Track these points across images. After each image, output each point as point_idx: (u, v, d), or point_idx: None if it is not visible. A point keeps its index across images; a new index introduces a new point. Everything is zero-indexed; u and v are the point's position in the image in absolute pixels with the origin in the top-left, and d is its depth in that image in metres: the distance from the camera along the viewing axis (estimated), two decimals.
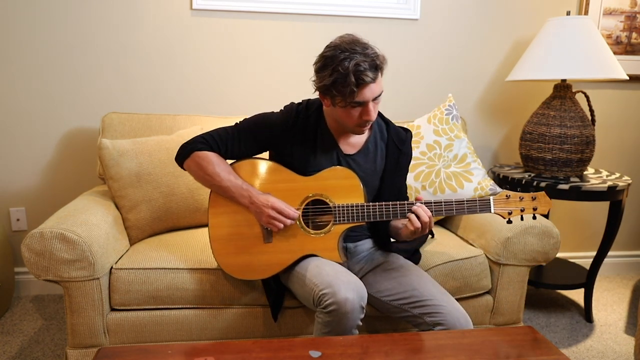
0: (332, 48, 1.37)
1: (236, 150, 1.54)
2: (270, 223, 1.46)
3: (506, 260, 1.76)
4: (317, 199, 1.50)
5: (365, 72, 1.33)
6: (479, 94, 2.59)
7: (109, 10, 2.25)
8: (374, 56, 1.35)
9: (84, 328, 1.57)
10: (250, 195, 1.48)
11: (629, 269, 2.89)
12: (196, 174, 1.54)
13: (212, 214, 1.56)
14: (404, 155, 1.59)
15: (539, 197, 1.41)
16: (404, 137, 1.60)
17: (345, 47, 1.35)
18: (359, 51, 1.34)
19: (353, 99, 1.36)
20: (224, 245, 1.55)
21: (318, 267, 1.42)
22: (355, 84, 1.33)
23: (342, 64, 1.32)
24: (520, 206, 1.41)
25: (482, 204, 1.42)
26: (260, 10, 2.33)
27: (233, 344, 1.19)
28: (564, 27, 2.16)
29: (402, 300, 1.47)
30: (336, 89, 1.35)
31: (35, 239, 1.49)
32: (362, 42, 1.37)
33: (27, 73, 2.26)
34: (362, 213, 1.46)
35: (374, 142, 1.57)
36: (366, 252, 1.64)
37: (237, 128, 1.55)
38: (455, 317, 1.39)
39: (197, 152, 1.51)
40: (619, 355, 2.03)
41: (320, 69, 1.39)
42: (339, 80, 1.33)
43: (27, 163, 2.34)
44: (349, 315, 1.32)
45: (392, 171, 1.57)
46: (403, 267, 1.55)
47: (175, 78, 2.36)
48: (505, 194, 1.42)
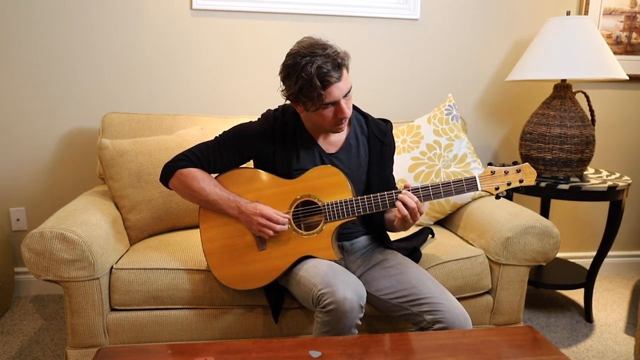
0: (292, 56, 1.39)
1: (219, 163, 1.55)
2: (261, 231, 1.47)
3: (506, 260, 1.76)
4: (306, 200, 1.50)
5: (328, 73, 1.34)
6: (479, 94, 2.59)
7: (109, 10, 2.25)
8: (334, 55, 1.36)
9: (84, 328, 1.57)
10: (239, 205, 1.49)
11: (629, 269, 2.89)
12: (182, 192, 1.55)
13: (204, 229, 1.57)
14: (387, 146, 1.60)
15: (523, 168, 1.41)
16: (384, 128, 1.61)
17: (304, 52, 1.36)
18: (319, 53, 1.35)
19: (322, 101, 1.37)
20: (219, 258, 1.55)
21: (316, 267, 1.42)
22: (321, 86, 1.35)
23: (305, 69, 1.34)
24: (506, 180, 1.41)
25: (468, 183, 1.42)
26: (260, 10, 2.33)
27: (233, 344, 1.19)
28: (564, 27, 2.16)
29: (401, 298, 1.47)
30: (304, 94, 1.37)
31: (35, 239, 1.49)
32: (320, 43, 1.38)
33: (27, 73, 2.26)
34: (352, 208, 1.46)
35: (354, 138, 1.58)
36: (363, 249, 1.64)
37: (217, 141, 1.56)
38: (455, 314, 1.39)
39: (181, 169, 1.52)
40: (619, 355, 2.03)
41: (285, 78, 1.41)
42: (305, 86, 1.35)
43: (27, 163, 2.34)
44: (348, 315, 1.32)
45: (377, 164, 1.58)
46: (402, 265, 1.55)
47: (175, 78, 2.36)
48: (490, 169, 1.42)
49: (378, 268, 1.57)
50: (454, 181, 1.42)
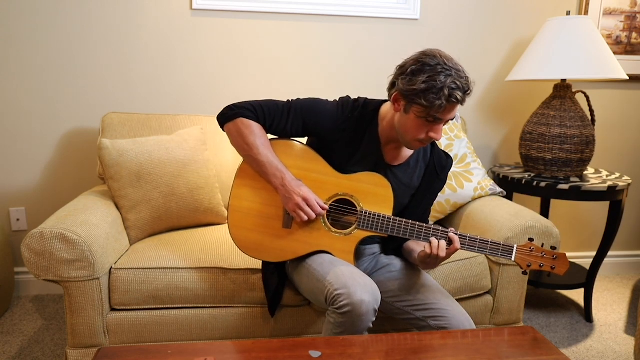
0: (430, 57, 1.34)
1: (281, 127, 1.48)
2: (296, 212, 1.43)
3: (506, 261, 1.76)
4: (346, 199, 1.48)
5: (457, 91, 1.31)
6: (479, 94, 2.59)
7: (109, 10, 2.25)
8: (467, 81, 1.34)
9: (84, 328, 1.57)
10: (284, 177, 1.44)
11: (629, 269, 2.89)
12: (235, 140, 1.48)
13: (237, 185, 1.52)
14: (440, 182, 1.57)
15: (560, 257, 1.40)
16: (445, 163, 1.57)
17: (444, 61, 1.32)
18: (454, 69, 1.32)
19: (437, 112, 1.33)
20: (242, 218, 1.51)
21: (333, 265, 1.40)
22: (447, 98, 1.31)
23: (440, 76, 1.30)
24: (540, 262, 1.39)
25: (504, 249, 1.40)
26: (260, 10, 2.33)
27: (233, 344, 1.18)
28: (564, 27, 2.16)
29: (406, 302, 1.47)
30: (426, 97, 1.31)
31: (35, 239, 1.49)
32: (457, 63, 1.35)
33: (27, 73, 2.26)
34: (388, 225, 1.43)
35: (415, 160, 1.55)
36: (371, 254, 1.64)
37: (289, 106, 1.49)
38: (460, 321, 1.38)
39: (242, 118, 1.46)
40: (619, 355, 2.03)
41: (414, 73, 1.33)
42: (433, 90, 1.30)
43: (27, 163, 2.34)
44: (364, 318, 1.31)
45: (424, 193, 1.55)
46: (408, 270, 1.55)
47: (175, 78, 2.36)
48: (529, 246, 1.40)
49: (384, 272, 1.57)
50: (492, 242, 1.39)
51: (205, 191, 1.93)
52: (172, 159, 1.87)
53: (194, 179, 1.90)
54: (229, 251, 1.71)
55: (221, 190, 2.07)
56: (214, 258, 1.67)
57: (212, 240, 1.80)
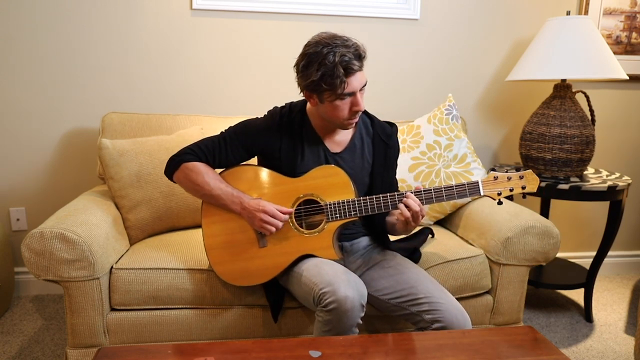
0: (313, 45, 1.39)
1: (224, 158, 1.55)
2: (263, 227, 1.47)
3: (506, 260, 1.76)
4: (308, 199, 1.51)
5: (351, 61, 1.36)
6: (479, 94, 2.59)
7: (109, 10, 2.25)
8: (355, 46, 1.39)
9: (84, 328, 1.57)
10: (242, 201, 1.49)
11: (629, 269, 2.89)
12: (186, 186, 1.55)
13: (206, 224, 1.56)
14: (392, 149, 1.60)
15: (526, 175, 1.41)
16: (389, 131, 1.61)
17: (326, 41, 1.37)
18: (340, 44, 1.37)
19: (343, 90, 1.38)
20: (219, 253, 1.55)
21: (317, 267, 1.42)
22: (345, 73, 1.36)
23: (327, 57, 1.35)
24: (508, 186, 1.41)
25: (471, 188, 1.43)
26: (260, 10, 2.33)
27: (233, 344, 1.19)
28: (564, 27, 2.16)
29: (400, 298, 1.47)
30: (325, 82, 1.37)
31: (35, 238, 1.49)
32: (340, 36, 1.40)
33: (27, 73, 2.26)
34: (354, 208, 1.46)
35: (360, 138, 1.58)
36: (363, 250, 1.64)
37: (223, 136, 1.56)
38: (453, 314, 1.39)
39: (186, 163, 1.52)
40: (619, 355, 2.03)
41: (305, 67, 1.40)
42: (327, 73, 1.35)
43: (27, 163, 2.34)
44: (349, 314, 1.32)
45: (381, 166, 1.58)
46: (400, 265, 1.55)
47: (175, 78, 2.36)
48: (493, 175, 1.42)
49: (377, 268, 1.57)
50: (457, 185, 1.42)
51: None
52: None
53: None
54: None
55: None
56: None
57: None
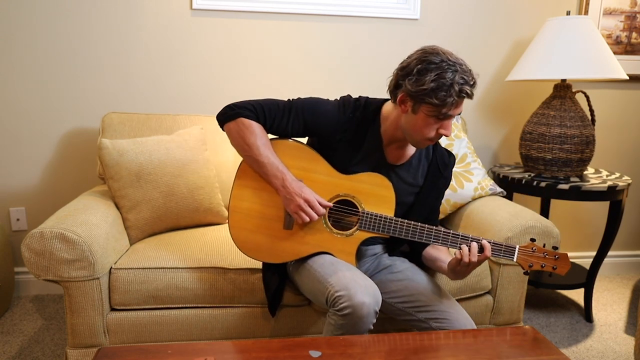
0: (434, 54, 1.32)
1: (282, 127, 1.46)
2: (298, 213, 1.42)
3: (506, 261, 1.76)
4: (347, 200, 1.47)
5: (466, 85, 1.31)
6: (479, 94, 2.59)
7: (109, 10, 2.25)
8: (471, 73, 1.34)
9: (84, 328, 1.57)
10: (285, 178, 1.42)
11: (629, 269, 2.89)
12: (235, 139, 1.46)
13: (238, 185, 1.50)
14: (444, 179, 1.57)
15: (561, 257, 1.39)
16: (447, 161, 1.57)
17: (447, 57, 1.31)
18: (457, 64, 1.32)
19: (448, 110, 1.32)
20: (241, 218, 1.50)
21: (333, 266, 1.40)
22: (458, 94, 1.30)
23: (447, 72, 1.29)
24: (541, 262, 1.39)
25: (506, 251, 1.39)
26: (260, 10, 2.33)
27: (233, 344, 1.18)
28: (564, 27, 2.16)
29: (407, 303, 1.47)
30: (437, 96, 1.29)
31: (35, 238, 1.49)
32: (457, 57, 1.35)
33: (27, 73, 2.26)
34: (389, 226, 1.43)
35: (418, 159, 1.54)
36: (373, 255, 1.63)
37: (290, 105, 1.47)
38: (462, 323, 1.38)
39: (243, 118, 1.43)
40: (619, 355, 2.03)
41: (421, 72, 1.31)
42: (442, 88, 1.29)
43: (27, 163, 2.34)
44: (364, 320, 1.30)
45: (428, 192, 1.54)
46: (410, 271, 1.54)
47: (175, 78, 2.36)
48: (532, 246, 1.39)
49: (385, 272, 1.56)
50: (494, 243, 1.38)
51: (205, 191, 1.93)
52: (172, 159, 1.87)
53: (194, 179, 1.90)
54: (228, 251, 1.71)
55: (221, 190, 2.07)
56: (214, 258, 1.67)
57: (212, 240, 1.80)
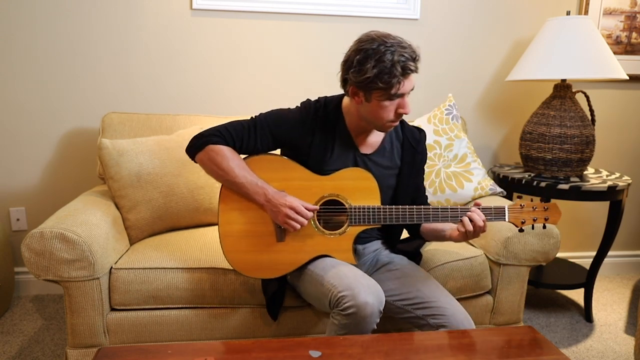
0: (368, 41, 1.35)
1: (251, 145, 1.48)
2: (287, 223, 1.42)
3: (506, 260, 1.76)
4: (333, 199, 1.48)
5: (408, 62, 1.33)
6: (479, 94, 2.59)
7: (109, 10, 2.25)
8: (411, 48, 1.36)
9: (84, 328, 1.57)
10: (266, 193, 1.44)
11: (629, 269, 2.89)
12: (209, 168, 1.48)
13: (223, 210, 1.51)
14: (419, 155, 1.59)
15: (550, 207, 1.42)
16: (418, 136, 1.60)
17: (383, 40, 1.34)
18: (396, 44, 1.34)
19: (397, 90, 1.35)
20: (234, 241, 1.51)
21: (334, 268, 1.40)
22: (402, 73, 1.33)
23: (386, 55, 1.32)
24: (532, 216, 1.41)
25: (497, 213, 1.41)
26: (260, 10, 2.33)
27: (233, 344, 1.18)
28: (564, 27, 2.16)
29: (405, 301, 1.47)
30: (381, 80, 1.32)
31: (35, 238, 1.49)
32: (394, 36, 1.37)
33: (27, 73, 2.26)
34: (378, 215, 1.44)
35: (389, 142, 1.56)
36: (372, 253, 1.64)
37: (254, 123, 1.49)
38: (459, 319, 1.38)
39: (211, 145, 1.45)
40: (619, 355, 2.03)
41: (360, 62, 1.34)
42: (385, 71, 1.31)
43: (27, 163, 2.34)
44: (368, 319, 1.31)
45: (408, 170, 1.57)
46: (407, 268, 1.55)
47: (175, 78, 2.36)
48: (520, 203, 1.42)
49: (384, 270, 1.57)
50: (483, 208, 1.41)
51: (205, 191, 1.93)
52: (172, 158, 1.87)
53: (194, 179, 1.90)
54: None
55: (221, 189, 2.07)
56: (214, 258, 1.67)
57: (212, 240, 1.80)
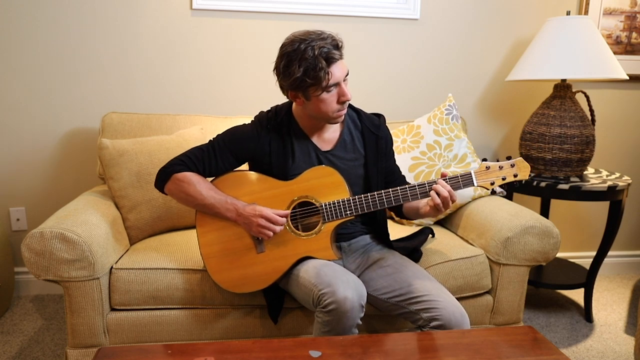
0: (289, 44, 1.41)
1: (214, 167, 1.53)
2: (261, 232, 1.46)
3: (506, 260, 1.76)
4: (303, 201, 1.51)
5: (330, 51, 1.38)
6: (479, 94, 2.59)
7: (109, 10, 2.25)
8: (331, 37, 1.40)
9: (84, 328, 1.57)
10: (236, 208, 1.48)
11: (629, 269, 2.89)
12: (178, 197, 1.53)
13: (201, 234, 1.56)
14: (382, 139, 1.60)
15: (517, 163, 1.43)
16: (377, 122, 1.62)
17: (301, 38, 1.39)
18: (315, 38, 1.38)
19: (328, 81, 1.39)
20: (217, 262, 1.55)
21: (316, 268, 1.42)
22: (327, 64, 1.37)
23: (307, 52, 1.36)
24: (500, 175, 1.43)
25: (464, 179, 1.44)
26: (260, 10, 2.33)
27: (233, 344, 1.19)
28: (564, 27, 2.16)
29: (398, 297, 1.47)
30: (309, 76, 1.37)
31: (35, 238, 1.49)
32: (313, 31, 1.41)
33: (27, 73, 2.26)
34: (349, 207, 1.47)
35: (349, 133, 1.59)
36: (362, 249, 1.64)
37: (212, 145, 1.55)
38: (451, 311, 1.39)
39: (176, 174, 1.51)
40: (619, 355, 2.03)
41: (286, 67, 1.40)
42: (310, 67, 1.37)
43: (27, 163, 2.34)
44: (349, 314, 1.32)
45: (374, 156, 1.59)
46: (398, 263, 1.55)
47: (175, 78, 2.36)
48: (485, 165, 1.44)
49: (375, 267, 1.57)
50: (450, 178, 1.43)
51: None
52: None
53: None
54: None
55: None
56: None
57: None
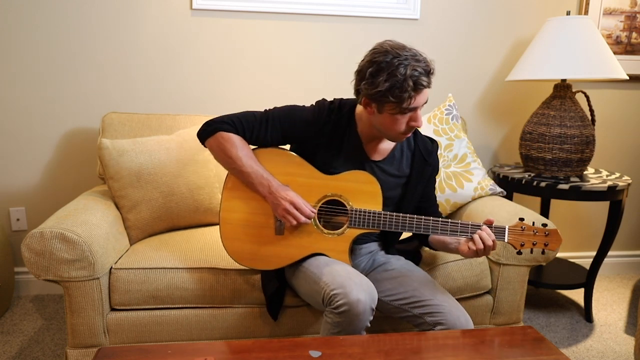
0: (382, 53, 1.34)
1: (261, 137, 1.50)
2: (285, 217, 1.44)
3: (506, 260, 1.76)
4: (335, 199, 1.48)
5: (421, 77, 1.32)
6: (479, 94, 2.59)
7: (109, 10, 2.25)
8: (426, 62, 1.35)
9: (84, 328, 1.57)
10: (270, 185, 1.45)
11: (629, 269, 2.89)
12: (217, 154, 1.50)
13: (226, 197, 1.53)
14: (430, 167, 1.58)
15: (551, 233, 1.40)
16: (430, 147, 1.59)
17: (396, 52, 1.33)
18: (410, 57, 1.33)
19: (409, 104, 1.34)
20: (233, 229, 1.52)
21: (328, 266, 1.41)
22: (414, 88, 1.32)
23: (399, 69, 1.31)
24: (533, 240, 1.40)
25: (497, 232, 1.41)
26: (260, 10, 2.33)
27: (233, 344, 1.19)
28: (564, 27, 2.16)
29: (402, 300, 1.47)
30: (393, 94, 1.32)
31: (35, 238, 1.49)
32: (409, 48, 1.36)
33: (27, 73, 2.26)
34: (378, 221, 1.44)
35: (400, 150, 1.56)
36: (369, 253, 1.64)
37: (266, 116, 1.50)
38: (456, 316, 1.39)
39: (222, 132, 1.47)
40: (619, 355, 2.03)
41: (373, 75, 1.34)
42: (397, 86, 1.31)
43: (27, 163, 2.34)
44: (361, 317, 1.31)
45: (416, 181, 1.56)
46: (404, 268, 1.55)
47: (175, 78, 2.36)
48: (521, 225, 1.40)
49: (380, 270, 1.57)
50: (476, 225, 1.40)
51: (205, 191, 1.93)
52: (172, 159, 1.87)
53: (194, 179, 1.90)
54: None
55: (221, 190, 2.07)
56: (214, 258, 1.67)
57: (212, 240, 1.80)
